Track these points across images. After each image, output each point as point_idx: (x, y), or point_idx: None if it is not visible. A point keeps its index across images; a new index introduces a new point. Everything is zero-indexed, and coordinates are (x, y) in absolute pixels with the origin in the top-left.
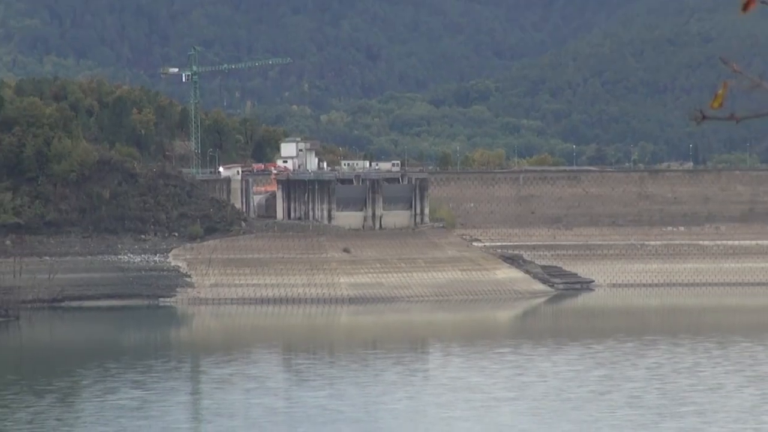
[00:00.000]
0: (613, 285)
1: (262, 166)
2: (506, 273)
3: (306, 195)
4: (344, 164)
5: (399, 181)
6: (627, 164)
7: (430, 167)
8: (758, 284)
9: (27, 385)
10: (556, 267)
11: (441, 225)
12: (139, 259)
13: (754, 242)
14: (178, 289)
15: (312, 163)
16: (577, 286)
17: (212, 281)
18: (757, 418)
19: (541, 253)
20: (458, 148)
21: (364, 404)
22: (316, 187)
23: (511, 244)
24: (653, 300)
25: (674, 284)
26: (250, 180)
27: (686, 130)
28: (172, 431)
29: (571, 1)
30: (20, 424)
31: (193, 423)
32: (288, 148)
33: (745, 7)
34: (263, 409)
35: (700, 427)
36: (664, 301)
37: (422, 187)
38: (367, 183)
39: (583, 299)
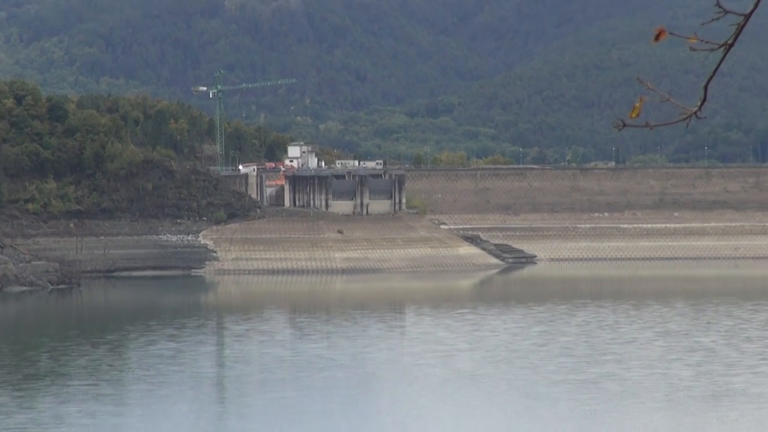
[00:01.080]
0: (552, 259)
1: (273, 164)
2: (466, 250)
3: (308, 187)
4: (338, 163)
5: (381, 177)
6: (562, 163)
7: (406, 166)
8: (666, 258)
9: (85, 338)
10: (506, 245)
11: (415, 212)
12: (175, 239)
13: (663, 225)
14: (206, 263)
15: (312, 162)
16: (523, 260)
17: (233, 256)
18: (665, 365)
19: (494, 233)
20: (428, 150)
21: (353, 354)
22: (316, 181)
23: (471, 226)
24: (583, 271)
25: (599, 259)
26: (264, 176)
27: (610, 136)
28: (200, 375)
29: (517, 34)
30: (80, 369)
31: (217, 369)
32: (293, 151)
33: (656, 38)
34: (273, 358)
35: (618, 372)
36: (591, 272)
37: (400, 181)
38: (357, 178)
39: (527, 271)
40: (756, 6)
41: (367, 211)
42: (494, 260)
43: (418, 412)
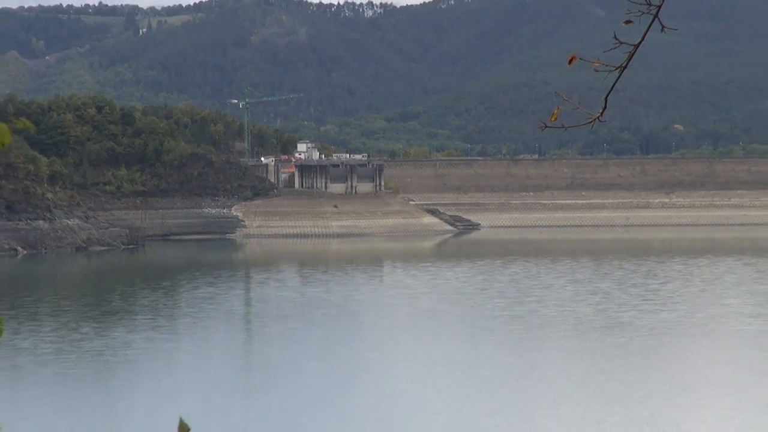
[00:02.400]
0: (491, 226)
1: (286, 157)
2: (429, 219)
3: (312, 174)
4: (334, 156)
5: (366, 166)
6: (499, 156)
7: (385, 158)
8: (575, 226)
9: (147, 284)
10: (458, 216)
11: (391, 191)
12: (214, 211)
13: (573, 201)
14: (237, 229)
15: (315, 155)
16: (470, 227)
17: (257, 224)
18: (572, 304)
19: (449, 207)
20: (401, 146)
21: (343, 296)
22: (318, 169)
23: (432, 202)
24: (514, 235)
25: (526, 226)
26: (279, 165)
27: (534, 136)
28: (232, 312)
29: (467, 61)
30: (142, 307)
31: (244, 307)
32: (301, 147)
33: (570, 62)
34: (285, 299)
35: (538, 309)
36: (520, 236)
37: (380, 169)
38: (348, 167)
39: (473, 235)
40: (642, 39)
41: (356, 191)
42: (449, 227)
43: (390, 338)
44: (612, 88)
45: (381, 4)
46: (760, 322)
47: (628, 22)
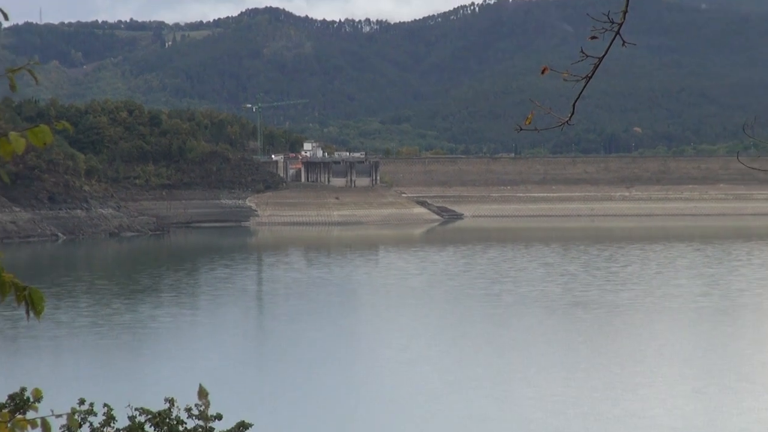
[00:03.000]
0: (473, 216)
1: (294, 154)
2: (419, 210)
3: (316, 169)
4: (336, 154)
5: (364, 163)
6: (480, 154)
7: (380, 156)
8: (547, 216)
9: (171, 265)
10: (444, 207)
11: (385, 185)
12: (230, 202)
13: (545, 194)
14: (250, 218)
15: (319, 153)
16: (455, 217)
17: (268, 213)
18: (543, 284)
19: (436, 199)
20: (394, 145)
21: (342, 276)
22: (322, 165)
23: (421, 195)
24: (493, 224)
25: (504, 216)
26: (288, 161)
27: (511, 137)
28: (245, 290)
29: (453, 70)
30: (167, 286)
31: (256, 286)
32: (307, 146)
33: (542, 72)
34: (291, 279)
35: (513, 288)
36: (498, 224)
37: (376, 165)
38: (348, 163)
39: (457, 224)
40: (606, 52)
41: (355, 185)
42: (436, 217)
43: (384, 312)
44: (579, 95)
45: (377, 20)
46: (708, 301)
47: (593, 37)
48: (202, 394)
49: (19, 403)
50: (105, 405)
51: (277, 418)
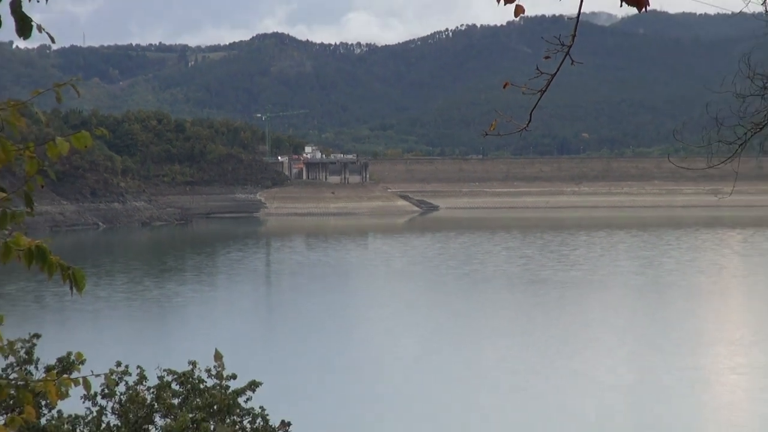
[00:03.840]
0: (447, 208)
1: (297, 156)
2: (401, 202)
3: (316, 169)
4: (332, 156)
5: (356, 163)
6: (453, 156)
7: (369, 157)
8: (509, 207)
9: (193, 250)
10: (422, 200)
11: (374, 182)
12: (244, 196)
13: (507, 189)
14: (260, 209)
15: (318, 155)
16: (432, 208)
17: (275, 206)
18: (505, 265)
19: (416, 194)
20: (381, 149)
21: (336, 259)
22: (320, 165)
23: (403, 190)
24: (464, 215)
25: (473, 208)
26: (291, 162)
27: (479, 141)
28: (256, 270)
29: (430, 86)
30: (190, 266)
31: (265, 267)
32: (308, 149)
33: (504, 87)
34: (294, 261)
35: (480, 269)
36: (468, 215)
37: (366, 165)
38: (342, 164)
39: (434, 214)
40: (557, 70)
41: (348, 182)
42: (416, 208)
43: (371, 288)
44: (535, 106)
45: (366, 44)
46: (643, 278)
47: (547, 57)
48: (218, 357)
49: (66, 365)
50: (138, 367)
51: (284, 377)
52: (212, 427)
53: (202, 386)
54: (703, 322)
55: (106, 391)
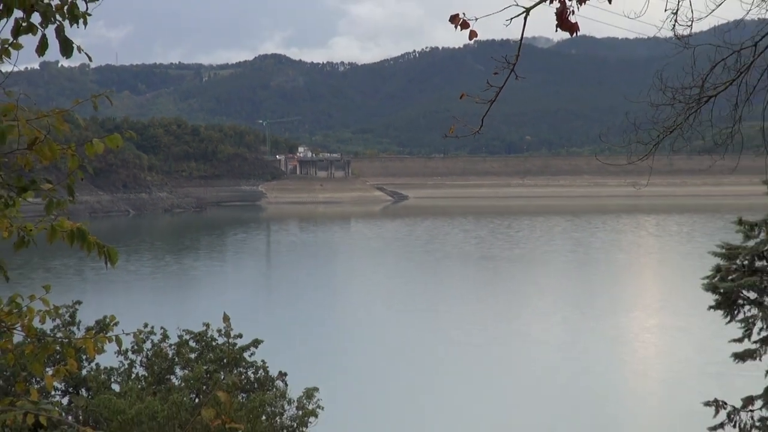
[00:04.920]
0: (415, 198)
1: (291, 155)
2: (378, 193)
3: (307, 165)
4: (321, 155)
5: (340, 161)
6: (420, 155)
7: (351, 156)
8: (466, 197)
9: (206, 231)
10: (395, 191)
11: (355, 176)
12: (248, 188)
13: (464, 182)
14: (262, 199)
15: (309, 154)
16: (402, 198)
17: (274, 196)
18: (461, 244)
19: (390, 186)
20: (360, 149)
21: (324, 238)
22: (311, 163)
23: (379, 183)
24: (428, 203)
25: (436, 197)
26: (287, 160)
27: (441, 142)
28: (256, 249)
29: (400, 98)
30: (203, 244)
31: (265, 245)
32: (300, 149)
33: (461, 98)
34: (289, 241)
35: (440, 248)
36: (431, 204)
37: (348, 162)
38: (329, 161)
39: (404, 203)
40: (504, 83)
41: (334, 176)
42: (389, 198)
43: (353, 263)
44: (486, 113)
45: (348, 63)
46: (574, 255)
47: (495, 73)
48: (226, 319)
49: (102, 325)
50: (161, 327)
51: (281, 335)
52: (222, 376)
53: (214, 343)
54: (622, 291)
55: (135, 347)
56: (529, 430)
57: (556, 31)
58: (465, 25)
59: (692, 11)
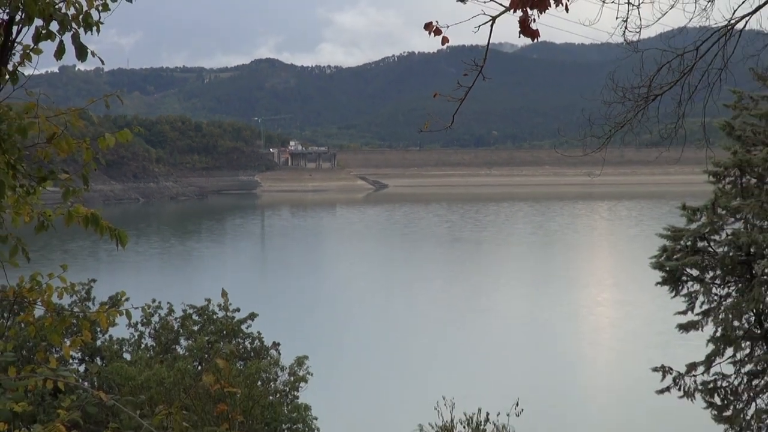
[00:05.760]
0: (394, 186)
1: (284, 148)
2: (360, 182)
3: (298, 157)
4: (309, 148)
5: (327, 153)
6: (399, 147)
7: (337, 149)
8: (439, 186)
9: (208, 217)
10: (376, 180)
11: (340, 167)
12: (245, 178)
13: (438, 172)
14: (257, 188)
15: (299, 148)
16: (383, 187)
17: (268, 185)
18: (432, 226)
19: (371, 176)
20: (346, 142)
21: (313, 222)
22: (301, 155)
23: (362, 173)
24: (406, 191)
25: (413, 186)
26: (280, 153)
27: (418, 136)
28: (253, 231)
29: (380, 98)
30: (204, 228)
31: (260, 229)
32: (292, 143)
33: (434, 96)
34: (280, 225)
35: (416, 229)
36: (409, 191)
37: (334, 155)
38: (317, 153)
39: (384, 191)
40: (473, 84)
41: (321, 167)
42: (371, 186)
43: (338, 243)
44: (456, 110)
45: (335, 66)
46: (535, 237)
47: (465, 74)
48: (224, 294)
49: (114, 301)
50: (168, 303)
51: (275, 309)
52: (221, 346)
53: (214, 317)
54: (578, 269)
55: (144, 320)
56: (495, 393)
57: (520, 37)
58: (438, 32)
59: (640, 19)
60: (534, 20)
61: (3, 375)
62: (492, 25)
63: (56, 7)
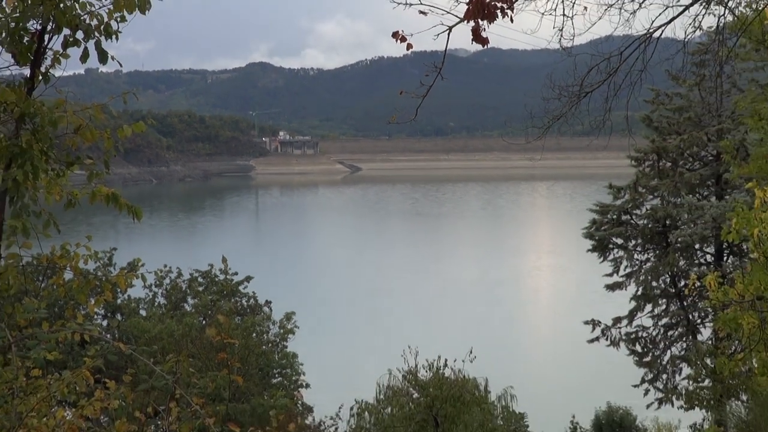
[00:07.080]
0: (368, 169)
1: (275, 137)
2: (339, 166)
3: (286, 145)
4: (296, 137)
5: (310, 142)
6: (371, 137)
7: (319, 138)
8: (410, 169)
9: (210, 196)
10: (352, 164)
11: (322, 153)
12: (242, 163)
13: (405, 158)
14: (252, 171)
15: (288, 137)
16: (358, 170)
17: (261, 168)
18: (410, 206)
19: (349, 160)
20: (327, 132)
21: (299, 201)
22: (289, 143)
23: (340, 158)
24: (377, 173)
25: (384, 169)
26: (271, 141)
27: (387, 127)
28: (248, 208)
29: (357, 95)
30: (207, 205)
31: (254, 206)
32: (281, 133)
33: (400, 94)
34: (272, 203)
35: (387, 206)
36: (380, 173)
37: (317, 143)
38: (302, 142)
39: (358, 173)
40: (433, 83)
41: (306, 154)
42: (347, 169)
43: (322, 219)
44: (419, 105)
45: (317, 68)
46: (485, 212)
47: (426, 75)
48: (224, 260)
49: (132, 266)
50: (177, 267)
51: (267, 272)
52: (222, 304)
53: (216, 279)
54: (521, 238)
55: (157, 282)
56: (452, 343)
57: (472, 43)
58: (403, 39)
59: (574, 28)
60: (484, 29)
61: (38, 329)
62: (449, 34)
63: (81, 18)
